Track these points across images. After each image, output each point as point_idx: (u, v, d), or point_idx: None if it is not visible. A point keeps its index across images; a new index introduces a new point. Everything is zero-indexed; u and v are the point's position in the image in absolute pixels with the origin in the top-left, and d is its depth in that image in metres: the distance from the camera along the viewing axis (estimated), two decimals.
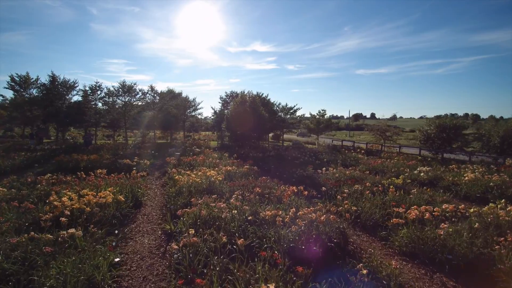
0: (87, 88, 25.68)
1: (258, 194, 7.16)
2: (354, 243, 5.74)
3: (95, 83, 25.74)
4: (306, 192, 7.06)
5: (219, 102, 28.00)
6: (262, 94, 25.00)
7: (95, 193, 7.09)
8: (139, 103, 26.09)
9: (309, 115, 31.10)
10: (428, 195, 8.48)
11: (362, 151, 20.44)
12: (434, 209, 6.25)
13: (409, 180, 10.21)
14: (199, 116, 31.12)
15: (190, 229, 4.82)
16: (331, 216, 5.18)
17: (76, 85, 26.33)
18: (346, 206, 6.49)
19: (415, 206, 6.20)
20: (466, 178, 10.53)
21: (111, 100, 25.46)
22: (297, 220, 4.96)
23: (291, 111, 29.28)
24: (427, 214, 5.72)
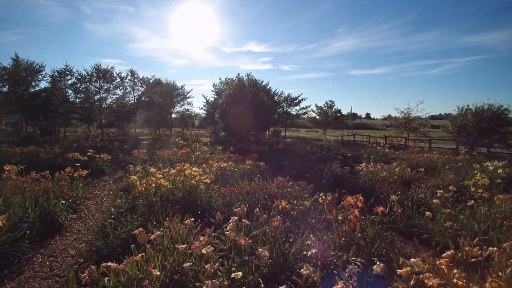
0: (54, 73, 21.77)
1: (281, 213, 3.61)
2: None
3: (64, 67, 21.86)
4: (380, 208, 3.50)
5: (212, 91, 24.31)
6: (262, 82, 21.34)
7: None
8: (117, 91, 22.23)
9: (315, 107, 27.63)
10: None
11: (387, 145, 17.03)
12: None
13: (499, 180, 6.80)
14: (188, 107, 27.27)
15: None
16: None
17: (42, 69, 22.41)
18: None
19: None
20: None
21: (83, 87, 21.59)
22: None
23: (295, 101, 25.74)
24: None
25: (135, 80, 21.91)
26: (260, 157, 9.67)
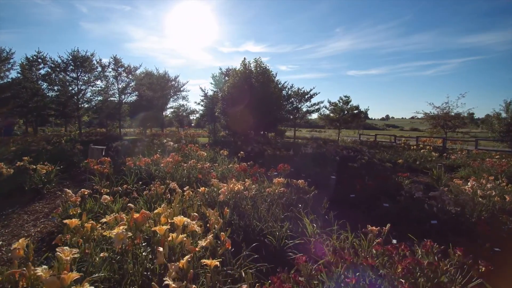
0: (24, 61, 18.61)
1: None
2: None
3: (36, 53, 18.68)
4: None
5: (211, 83, 21.21)
6: (271, 72, 18.05)
7: None
8: (99, 83, 19.03)
9: (327, 104, 24.62)
10: None
11: (428, 146, 14.07)
12: None
13: None
14: (184, 102, 23.98)
15: None
16: None
17: (11, 56, 19.21)
18: None
19: None
20: None
21: (59, 78, 18.43)
22: None
23: (307, 96, 22.71)
24: None
25: (119, 69, 18.73)
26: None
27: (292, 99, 22.59)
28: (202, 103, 20.93)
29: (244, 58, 14.07)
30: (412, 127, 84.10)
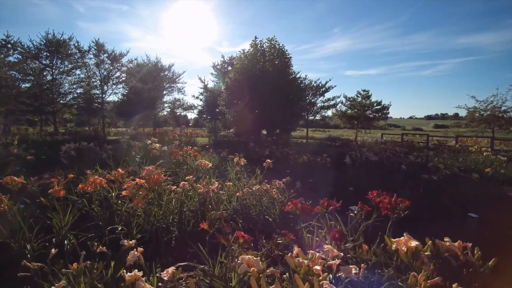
0: None
1: None
2: None
3: (4, 37, 15.96)
4: None
5: (212, 74, 18.50)
6: (289, 54, 14.54)
7: None
8: (78, 72, 16.31)
9: (344, 99, 21.89)
10: None
11: (487, 149, 11.47)
12: None
13: None
14: (180, 95, 21.25)
15: None
16: None
17: None
18: None
19: None
20: None
21: (30, 67, 15.70)
22: None
23: (322, 90, 20.07)
24: None
25: (102, 55, 15.95)
26: (318, 183, 4.05)
27: (306, 92, 19.95)
28: (201, 96, 18.21)
29: (255, 37, 11.32)
30: (414, 126, 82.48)
